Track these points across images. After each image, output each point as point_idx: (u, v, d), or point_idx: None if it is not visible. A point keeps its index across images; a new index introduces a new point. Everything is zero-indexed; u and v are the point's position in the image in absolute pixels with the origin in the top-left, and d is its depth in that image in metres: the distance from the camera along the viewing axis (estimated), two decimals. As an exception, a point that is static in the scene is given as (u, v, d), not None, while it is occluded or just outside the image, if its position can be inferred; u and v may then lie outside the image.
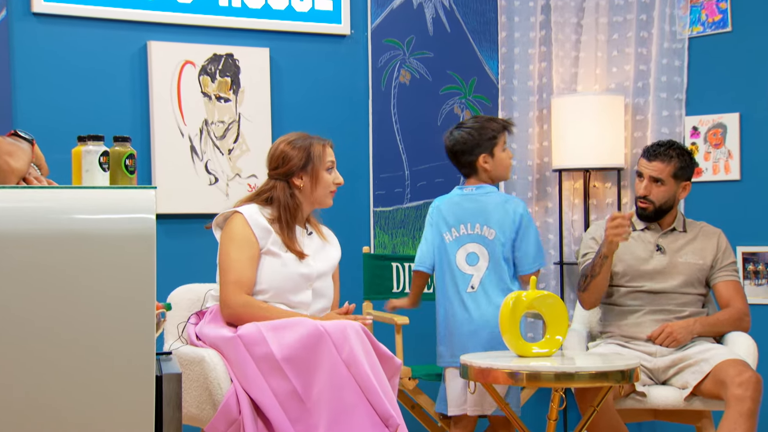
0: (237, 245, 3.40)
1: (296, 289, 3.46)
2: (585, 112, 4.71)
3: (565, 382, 3.24)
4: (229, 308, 3.36)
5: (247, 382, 3.16)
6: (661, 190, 3.93)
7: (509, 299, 3.39)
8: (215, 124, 4.41)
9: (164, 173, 4.29)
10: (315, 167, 3.53)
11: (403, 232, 4.86)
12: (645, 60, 4.80)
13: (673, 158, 3.92)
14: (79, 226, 2.20)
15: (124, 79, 4.26)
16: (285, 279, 3.44)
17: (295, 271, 3.46)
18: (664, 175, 3.91)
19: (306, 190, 3.54)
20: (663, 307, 3.90)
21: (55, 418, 2.14)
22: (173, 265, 4.19)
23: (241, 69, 4.48)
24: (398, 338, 3.93)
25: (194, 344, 3.39)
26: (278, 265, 3.44)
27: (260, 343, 3.17)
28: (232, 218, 3.46)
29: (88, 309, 2.17)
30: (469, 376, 3.33)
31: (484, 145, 3.82)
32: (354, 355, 3.10)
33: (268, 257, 3.44)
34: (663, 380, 3.82)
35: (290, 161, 3.51)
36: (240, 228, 3.42)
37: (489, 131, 3.82)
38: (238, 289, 3.36)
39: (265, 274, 3.43)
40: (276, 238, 3.46)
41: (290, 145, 3.54)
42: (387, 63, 4.85)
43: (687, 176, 3.96)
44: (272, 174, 3.55)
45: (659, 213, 3.96)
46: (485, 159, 3.82)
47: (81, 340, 2.16)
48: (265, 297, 3.42)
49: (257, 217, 3.45)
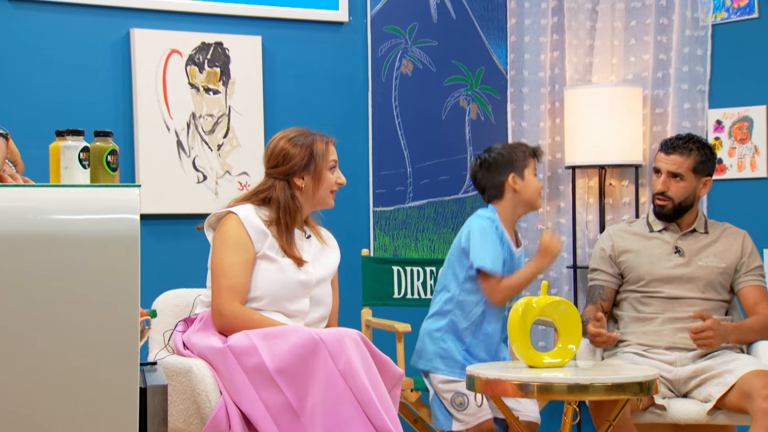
0: (231, 248, 3.40)
1: (293, 297, 3.46)
2: (600, 104, 4.72)
3: (579, 394, 3.24)
4: (222, 316, 3.36)
5: (238, 394, 3.16)
6: (680, 185, 3.93)
7: (519, 305, 3.39)
8: (203, 117, 4.42)
9: (149, 170, 4.30)
10: (318, 167, 3.53)
11: (405, 234, 4.87)
12: (665, 48, 4.80)
13: (693, 151, 3.92)
14: (57, 227, 2.21)
15: (105, 70, 4.27)
16: (282, 286, 3.44)
17: (292, 277, 3.46)
18: (683, 170, 3.92)
19: (308, 190, 3.53)
20: (683, 315, 3.90)
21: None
22: (158, 269, 4.19)
23: (231, 59, 4.48)
24: (399, 347, 3.94)
25: (181, 354, 3.40)
26: (275, 271, 3.44)
27: (251, 353, 3.17)
28: (226, 219, 3.46)
29: (67, 316, 2.17)
30: (476, 387, 3.33)
31: (515, 165, 3.83)
32: (351, 365, 3.10)
33: (263, 262, 3.44)
34: (684, 392, 3.82)
35: (291, 160, 3.50)
36: (234, 230, 3.42)
37: (520, 153, 3.84)
38: (231, 296, 3.36)
39: (261, 281, 3.43)
40: (273, 241, 3.45)
41: (291, 142, 3.52)
42: (388, 52, 4.86)
43: (708, 171, 3.96)
44: (271, 173, 3.54)
45: (678, 211, 3.97)
46: (515, 179, 3.83)
47: (59, 349, 2.17)
48: (259, 305, 3.42)
49: (253, 218, 3.44)
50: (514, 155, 3.83)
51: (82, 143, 2.57)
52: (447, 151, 4.96)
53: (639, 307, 3.97)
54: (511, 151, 3.85)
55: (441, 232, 4.92)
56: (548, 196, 5.01)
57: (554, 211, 5.02)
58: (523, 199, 3.84)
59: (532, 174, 3.85)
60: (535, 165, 3.87)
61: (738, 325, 3.86)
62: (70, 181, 2.54)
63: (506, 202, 3.83)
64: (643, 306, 3.96)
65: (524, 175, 3.83)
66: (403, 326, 3.93)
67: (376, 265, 4.35)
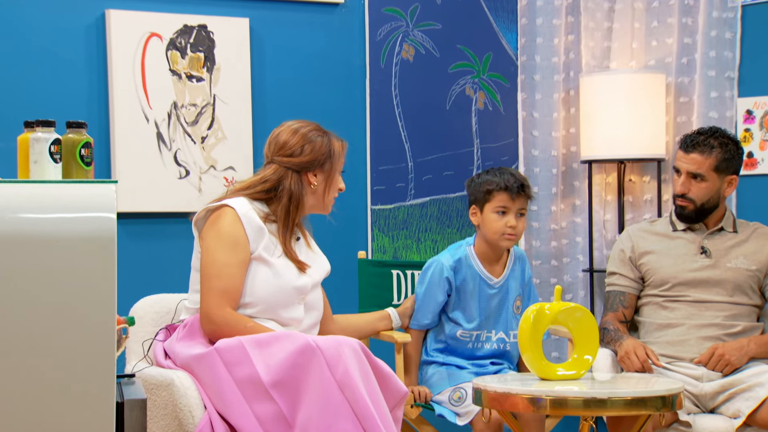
0: (226, 247, 3.39)
1: (288, 304, 3.46)
2: (619, 93, 4.72)
3: (596, 409, 3.24)
4: (212, 323, 3.35)
5: (226, 406, 3.16)
6: (701, 187, 3.94)
7: (530, 312, 3.40)
8: (186, 107, 4.42)
9: (126, 165, 4.30)
10: (333, 167, 3.55)
11: (406, 234, 4.87)
12: (690, 32, 4.81)
13: (715, 148, 3.93)
14: (25, 227, 2.21)
15: (78, 55, 4.27)
16: (277, 291, 3.44)
17: (288, 282, 3.45)
18: (703, 170, 3.92)
19: (318, 190, 3.54)
20: (710, 322, 3.91)
21: (-2, 451, 2.15)
22: (137, 273, 4.19)
23: (216, 43, 4.49)
24: (399, 359, 3.94)
25: (162, 365, 3.40)
26: (270, 276, 3.43)
27: (244, 362, 3.17)
28: (222, 213, 3.43)
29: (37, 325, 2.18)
30: (483, 402, 3.34)
31: (476, 197, 3.90)
32: (349, 375, 3.10)
33: (258, 264, 3.42)
34: (711, 408, 3.83)
35: (310, 153, 3.50)
36: (231, 226, 3.40)
37: (486, 185, 3.88)
38: (224, 301, 3.35)
39: (255, 286, 3.41)
40: (268, 241, 3.44)
41: (311, 135, 3.52)
42: (387, 36, 4.86)
43: (733, 169, 3.96)
44: (284, 162, 3.51)
45: (701, 213, 3.98)
46: (475, 212, 3.92)
47: (28, 361, 2.17)
48: (252, 311, 3.41)
49: (251, 214, 3.43)
50: (481, 186, 3.88)
51: (53, 135, 2.58)
52: (452, 144, 4.96)
53: (662, 313, 3.98)
54: (481, 181, 3.90)
55: (445, 233, 4.92)
56: (562, 194, 5.01)
57: (569, 209, 5.03)
58: (485, 236, 3.91)
59: (494, 210, 3.86)
60: (506, 200, 3.83)
61: (764, 337, 3.87)
62: (40, 176, 2.54)
63: (478, 233, 3.96)
64: (667, 312, 3.97)
65: (484, 210, 3.88)
66: (403, 336, 3.94)
67: (373, 268, 4.35)
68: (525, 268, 4.02)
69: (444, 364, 3.94)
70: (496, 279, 3.93)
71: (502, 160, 5.01)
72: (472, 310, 3.93)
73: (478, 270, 3.92)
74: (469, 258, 3.93)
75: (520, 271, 4.00)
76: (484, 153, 5.00)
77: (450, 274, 3.91)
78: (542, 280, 5.00)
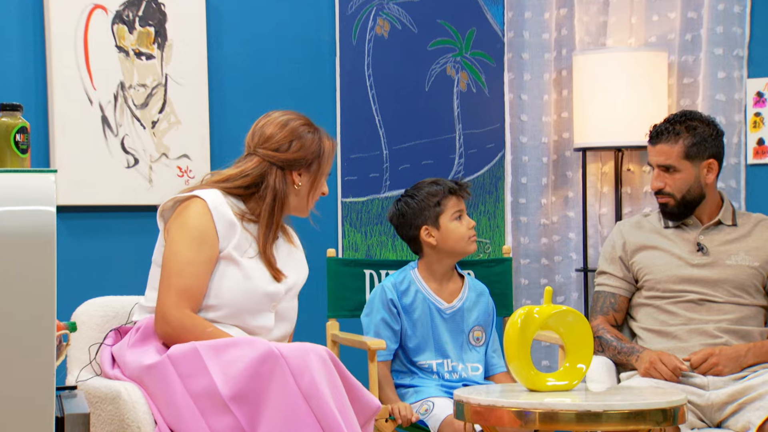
0: (192, 242, 3.38)
1: (257, 310, 3.45)
2: (617, 73, 4.74)
3: (590, 423, 3.26)
4: (168, 324, 3.34)
5: (179, 421, 3.16)
6: (676, 178, 3.98)
7: (517, 316, 3.40)
8: (134, 88, 4.42)
9: (67, 152, 4.29)
10: (321, 169, 3.56)
11: (380, 230, 4.88)
12: (695, 5, 4.83)
13: (681, 134, 3.96)
14: (-46, 221, 2.20)
15: (12, 30, 4.25)
16: (246, 296, 3.43)
17: (259, 286, 3.44)
18: (672, 160, 3.96)
19: (302, 192, 3.55)
20: (714, 326, 3.93)
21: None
22: (79, 273, 4.18)
23: (168, 16, 4.48)
24: (372, 368, 3.95)
25: (108, 375, 3.39)
26: (240, 277, 3.42)
27: (200, 373, 3.16)
28: (190, 204, 3.41)
29: (-33, 329, 2.17)
30: (466, 416, 3.35)
31: (425, 215, 3.98)
32: (315, 386, 3.11)
33: (226, 264, 3.41)
34: (717, 421, 3.85)
35: (301, 149, 3.50)
36: (199, 219, 3.39)
37: (431, 198, 3.98)
38: (183, 301, 3.34)
39: (221, 287, 3.40)
40: (242, 238, 3.43)
41: (303, 129, 3.53)
42: (359, 10, 4.86)
43: (709, 153, 3.98)
44: (269, 156, 3.50)
45: (686, 207, 4.01)
46: (428, 232, 3.99)
47: (-42, 370, 2.17)
48: (215, 315, 3.40)
49: (223, 208, 3.43)
50: (425, 202, 3.97)
51: (-15, 119, 2.57)
52: (431, 129, 4.97)
53: (659, 317, 4.00)
54: (422, 197, 3.99)
55: (424, 228, 4.93)
56: (553, 185, 5.03)
57: (561, 202, 5.04)
58: (445, 251, 4.00)
59: (452, 218, 3.96)
60: (457, 202, 3.95)
61: (759, 347, 3.90)
62: (-29, 165, 2.54)
63: (427, 257, 4.06)
64: (664, 315, 3.99)
65: (440, 223, 3.94)
66: (377, 343, 3.95)
67: (344, 268, 4.36)
68: (489, 301, 4.14)
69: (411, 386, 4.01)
70: (447, 304, 4.03)
71: (487, 147, 5.02)
72: (424, 336, 4.02)
73: (425, 293, 4.03)
74: (414, 282, 4.04)
75: (485, 304, 4.11)
76: (467, 140, 5.01)
77: (394, 296, 4.00)
78: (531, 281, 5.01)
